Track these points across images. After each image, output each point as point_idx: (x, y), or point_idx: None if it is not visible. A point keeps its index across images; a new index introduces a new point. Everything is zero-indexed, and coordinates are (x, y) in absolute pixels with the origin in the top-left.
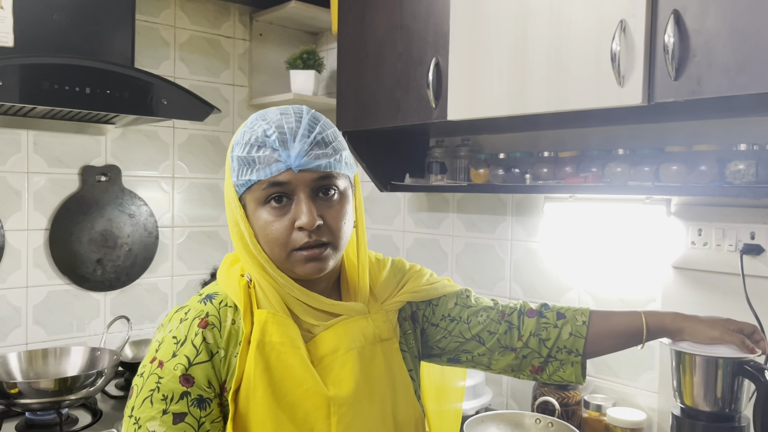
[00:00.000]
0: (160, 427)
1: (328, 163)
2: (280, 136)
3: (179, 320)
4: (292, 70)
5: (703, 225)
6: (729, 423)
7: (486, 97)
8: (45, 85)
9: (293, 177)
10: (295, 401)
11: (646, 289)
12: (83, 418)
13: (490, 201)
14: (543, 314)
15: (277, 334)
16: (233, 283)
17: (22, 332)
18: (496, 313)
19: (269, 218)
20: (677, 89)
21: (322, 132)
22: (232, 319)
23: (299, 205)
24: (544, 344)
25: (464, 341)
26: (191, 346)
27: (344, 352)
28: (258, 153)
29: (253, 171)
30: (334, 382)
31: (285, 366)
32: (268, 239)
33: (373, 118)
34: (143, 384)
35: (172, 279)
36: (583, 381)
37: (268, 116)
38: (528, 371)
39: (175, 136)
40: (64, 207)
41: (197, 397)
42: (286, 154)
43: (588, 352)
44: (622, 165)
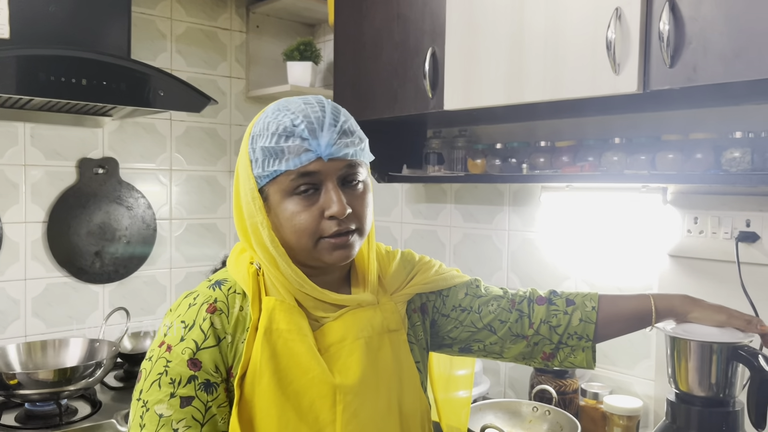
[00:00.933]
0: (168, 410)
1: (355, 151)
2: (309, 125)
3: (188, 305)
4: (289, 61)
5: (699, 213)
6: (723, 408)
7: (482, 87)
8: (41, 77)
9: (323, 166)
10: (300, 389)
11: (643, 277)
12: (83, 409)
13: (487, 191)
14: (552, 301)
15: (284, 321)
16: (242, 270)
17: (21, 324)
18: (507, 302)
19: (297, 208)
20: (673, 77)
21: (347, 121)
22: (240, 306)
23: (328, 194)
24: (555, 331)
25: (476, 331)
26: (199, 330)
27: (351, 341)
28: (287, 143)
29: (281, 161)
30: (340, 371)
31: (292, 353)
32: (295, 229)
33: (370, 109)
34: (151, 368)
35: (170, 271)
36: (593, 366)
37: (291, 106)
38: (539, 358)
39: (172, 129)
40: (61, 199)
41: (204, 381)
42: (316, 144)
43: (598, 337)
44: (618, 154)
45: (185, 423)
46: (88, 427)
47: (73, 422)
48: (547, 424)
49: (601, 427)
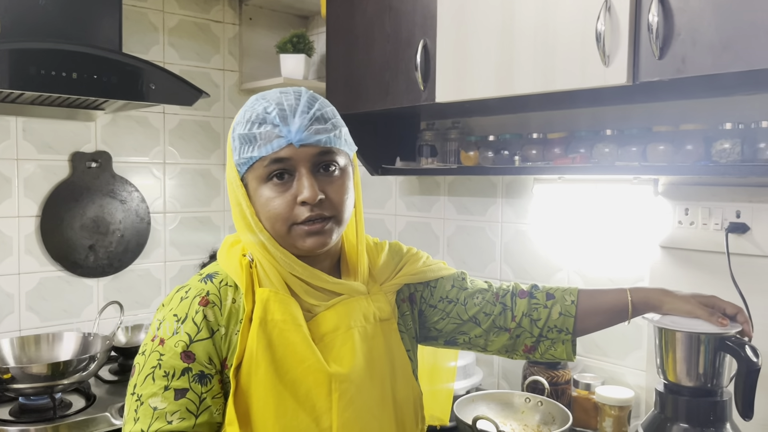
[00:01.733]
0: (162, 402)
1: (328, 138)
2: (281, 112)
3: (180, 299)
4: (282, 54)
5: (690, 204)
6: (711, 398)
7: (474, 79)
8: (32, 71)
9: (294, 152)
10: (297, 378)
11: (634, 268)
12: (77, 402)
13: (480, 183)
14: (533, 295)
15: (279, 312)
16: (234, 262)
17: (15, 319)
18: (491, 295)
19: (271, 195)
20: (662, 68)
21: (321, 109)
22: (233, 298)
23: (300, 180)
24: (536, 324)
25: (461, 323)
26: (192, 323)
27: (345, 331)
28: (259, 129)
29: (254, 148)
30: (335, 360)
31: (287, 343)
32: (269, 215)
33: (362, 101)
34: (145, 362)
35: (164, 265)
36: (573, 358)
37: (268, 96)
38: (521, 351)
39: (165, 122)
40: (54, 193)
41: (198, 373)
42: (287, 130)
43: (578, 330)
44: (609, 145)
45: (179, 415)
46: (83, 420)
47: (67, 416)
48: (539, 414)
49: (593, 417)
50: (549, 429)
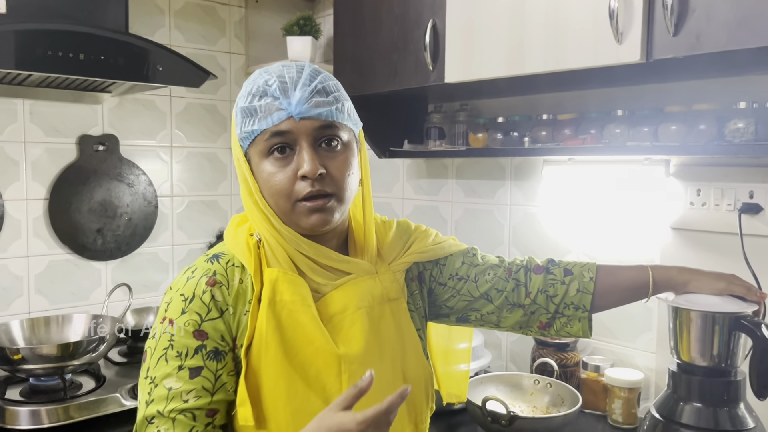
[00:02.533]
0: (177, 382)
1: (329, 111)
2: (281, 85)
3: (186, 279)
4: (289, 36)
5: (702, 185)
6: (725, 378)
7: (483, 59)
8: (39, 52)
9: (295, 125)
10: (306, 359)
11: (645, 250)
12: (87, 383)
13: (489, 166)
14: (550, 270)
15: (288, 292)
16: (241, 242)
17: (24, 301)
18: (503, 271)
19: (272, 169)
20: (676, 45)
21: (323, 82)
22: (240, 279)
23: (301, 154)
24: (552, 300)
25: (473, 300)
26: (200, 302)
27: (353, 311)
28: (259, 102)
29: (255, 121)
30: (344, 341)
31: (296, 324)
32: (272, 191)
33: (370, 82)
34: (156, 344)
35: (172, 248)
36: (590, 335)
37: (270, 69)
38: (536, 327)
39: (172, 105)
40: (62, 177)
41: (213, 349)
42: (287, 102)
43: (595, 307)
44: (620, 126)
45: (195, 393)
46: (93, 401)
47: (77, 397)
48: (548, 396)
49: (602, 399)
50: (558, 410)
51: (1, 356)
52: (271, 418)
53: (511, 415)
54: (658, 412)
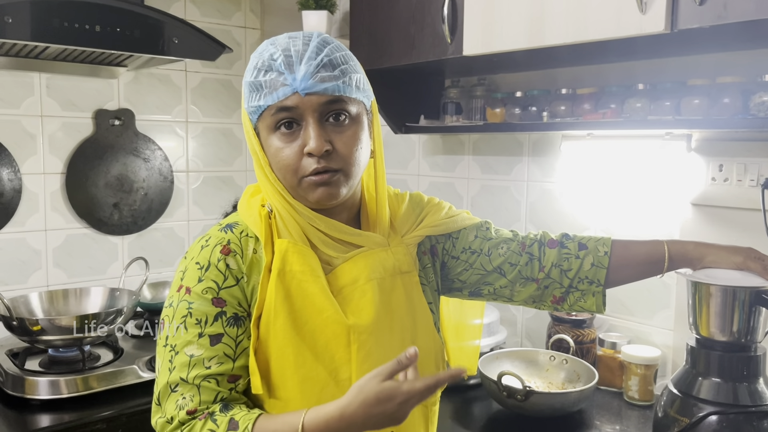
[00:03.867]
0: (198, 349)
1: (335, 86)
2: (286, 59)
3: (201, 247)
4: (305, 10)
5: (725, 160)
6: (745, 353)
7: (503, 30)
8: (55, 23)
9: (300, 101)
10: (315, 329)
11: (664, 227)
12: (105, 355)
13: (506, 142)
14: (564, 245)
15: (297, 263)
16: (254, 213)
17: (42, 275)
18: (517, 245)
19: (279, 145)
20: (702, 14)
21: (330, 54)
22: (254, 249)
23: (307, 130)
24: (566, 275)
25: (485, 273)
26: (216, 270)
27: (364, 283)
28: (265, 77)
29: (261, 96)
30: (353, 312)
31: (305, 294)
32: (279, 166)
33: (387, 56)
34: (174, 313)
35: (188, 223)
36: (603, 310)
37: (276, 41)
38: (549, 301)
39: (187, 80)
40: (79, 151)
41: (232, 315)
42: (292, 77)
43: (609, 282)
44: (641, 100)
45: (217, 360)
46: (111, 372)
47: (96, 368)
48: (564, 372)
49: (619, 376)
50: (574, 386)
51: (21, 327)
52: (279, 387)
53: (527, 390)
54: (676, 388)
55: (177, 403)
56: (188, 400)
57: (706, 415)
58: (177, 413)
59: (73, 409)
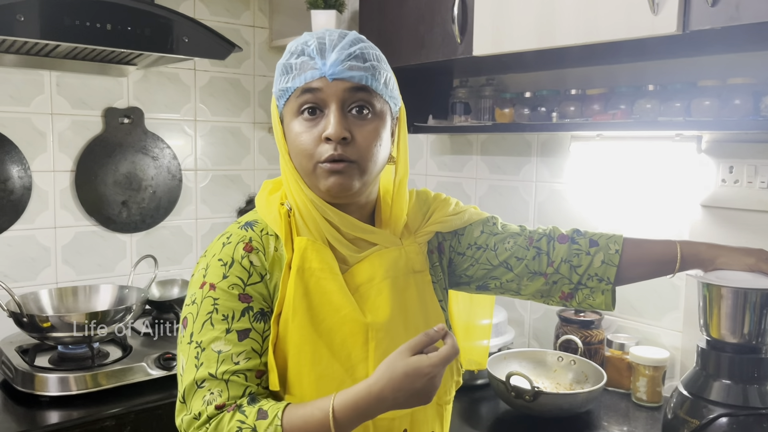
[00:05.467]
0: (226, 345)
1: (363, 76)
2: (320, 45)
3: (222, 244)
4: (313, 10)
5: (735, 162)
6: (756, 354)
7: (513, 31)
8: (66, 21)
9: (326, 85)
10: (332, 327)
11: (674, 228)
12: (114, 352)
13: (514, 142)
14: (575, 240)
15: (316, 260)
16: (273, 211)
17: (51, 272)
18: (524, 239)
19: (300, 129)
20: (714, 16)
21: (363, 49)
22: (275, 247)
23: (328, 116)
24: (575, 271)
25: (492, 268)
26: (241, 267)
27: (379, 281)
28: (296, 60)
29: (289, 78)
30: (370, 309)
31: (323, 292)
32: (296, 150)
33: (396, 56)
34: (198, 310)
35: (196, 222)
36: (612, 308)
37: (316, 32)
38: (557, 297)
39: (196, 79)
40: (88, 149)
41: (259, 311)
42: (322, 62)
43: (619, 280)
44: (652, 101)
45: (245, 355)
46: (120, 369)
47: (105, 365)
48: (572, 373)
49: (627, 377)
50: (582, 387)
51: (31, 323)
52: (295, 384)
53: (535, 390)
54: (686, 389)
55: (204, 398)
56: (216, 395)
57: (717, 417)
58: (205, 408)
59: (82, 406)
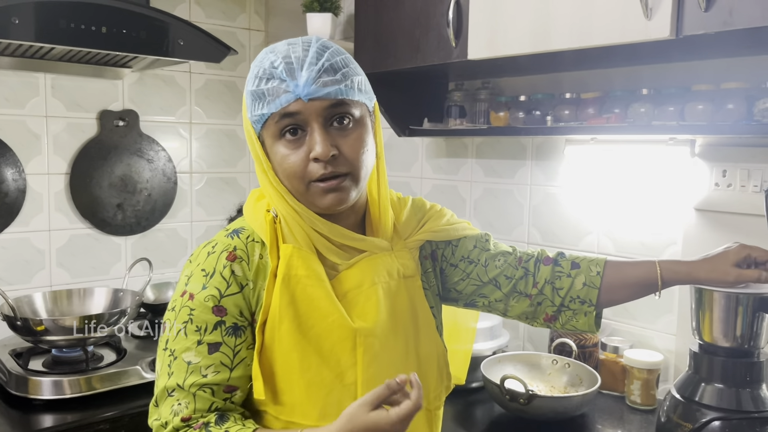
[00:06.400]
0: (196, 357)
1: (338, 90)
2: (287, 66)
3: (207, 254)
4: (309, 13)
5: (728, 166)
6: (748, 358)
7: (508, 35)
8: (61, 24)
9: (304, 106)
10: (321, 333)
11: (667, 232)
12: (108, 356)
13: (509, 145)
14: (558, 262)
15: (302, 267)
16: (259, 218)
17: (46, 275)
18: (514, 259)
19: (285, 151)
20: (708, 21)
21: (331, 59)
22: (260, 254)
23: (312, 135)
24: (558, 293)
25: (481, 284)
26: (221, 278)
27: (369, 287)
28: (267, 86)
29: (264, 104)
30: (359, 315)
31: (310, 299)
32: (286, 173)
33: (392, 59)
34: (176, 317)
35: (191, 225)
36: (596, 330)
37: (276, 48)
38: (542, 319)
39: (191, 81)
40: (83, 151)
41: (232, 325)
42: (294, 84)
43: (602, 302)
44: (646, 105)
45: (214, 368)
46: (114, 373)
47: (99, 368)
48: (566, 376)
49: (621, 380)
50: (576, 390)
51: (25, 327)
52: (285, 392)
53: (529, 393)
54: (679, 393)
55: (173, 408)
56: (183, 406)
57: (709, 420)
58: (172, 419)
59: (76, 410)
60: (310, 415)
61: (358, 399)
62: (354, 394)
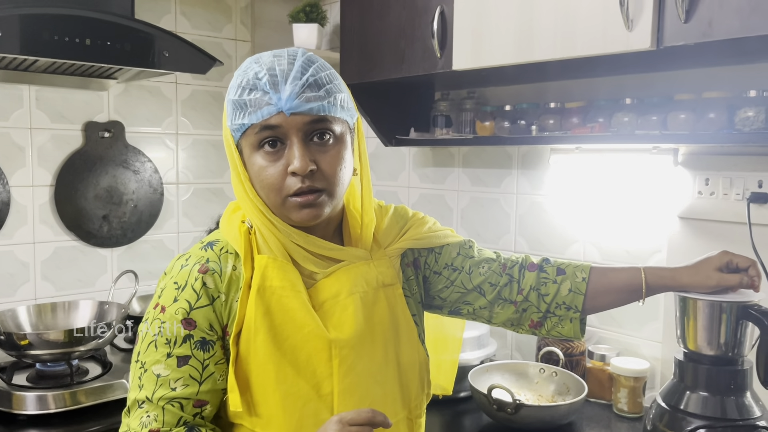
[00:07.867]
0: (165, 369)
1: (320, 106)
2: (271, 78)
3: (180, 266)
4: (295, 23)
5: (711, 174)
6: (732, 366)
7: (492, 46)
8: (45, 36)
9: (285, 120)
10: (296, 344)
11: (652, 240)
12: (93, 369)
13: (495, 154)
14: (543, 269)
15: (277, 278)
16: (234, 229)
17: (30, 287)
18: (498, 266)
19: (263, 163)
20: (687, 32)
21: (315, 74)
22: (233, 265)
23: (291, 149)
24: (543, 299)
25: (466, 292)
26: (191, 290)
27: (345, 297)
28: (249, 96)
29: (245, 115)
30: (335, 326)
31: (285, 310)
32: (263, 185)
33: (377, 69)
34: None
35: (178, 236)
36: (581, 337)
37: (261, 59)
38: (527, 325)
39: (177, 92)
40: (68, 163)
41: (200, 339)
42: (277, 97)
43: (587, 309)
44: (629, 115)
45: (183, 382)
46: (99, 387)
47: (84, 382)
48: (554, 385)
49: (608, 388)
50: (563, 399)
51: (9, 341)
52: (261, 404)
53: (516, 403)
54: (665, 401)
55: (141, 420)
56: (152, 419)
57: (695, 428)
58: (140, 430)
59: (61, 425)
60: (287, 427)
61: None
62: (330, 405)
